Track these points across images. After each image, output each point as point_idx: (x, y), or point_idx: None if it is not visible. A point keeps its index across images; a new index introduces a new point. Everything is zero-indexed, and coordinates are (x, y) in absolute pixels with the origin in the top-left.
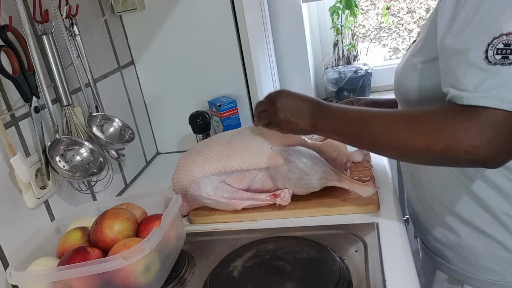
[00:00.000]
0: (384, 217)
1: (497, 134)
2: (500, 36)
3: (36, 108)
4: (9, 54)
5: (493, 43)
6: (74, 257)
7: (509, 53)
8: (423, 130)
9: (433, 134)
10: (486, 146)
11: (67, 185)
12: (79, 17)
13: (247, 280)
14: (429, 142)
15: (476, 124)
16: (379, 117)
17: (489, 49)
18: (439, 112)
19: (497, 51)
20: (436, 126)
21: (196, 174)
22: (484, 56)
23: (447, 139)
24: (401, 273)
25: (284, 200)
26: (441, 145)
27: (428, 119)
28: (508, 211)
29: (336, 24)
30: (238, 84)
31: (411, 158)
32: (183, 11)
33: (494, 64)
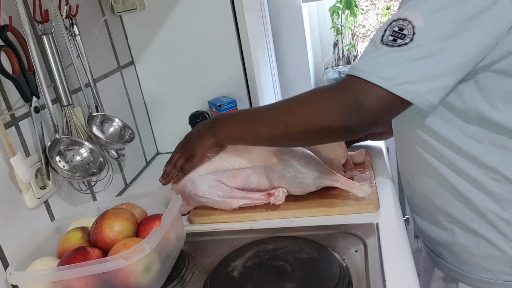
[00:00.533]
0: (384, 217)
1: (362, 104)
2: (397, 19)
3: (36, 108)
4: (9, 54)
5: (391, 25)
6: (74, 257)
7: (399, 37)
8: (300, 106)
9: (308, 108)
10: (354, 119)
11: (67, 185)
12: (79, 17)
13: (247, 280)
14: (305, 116)
15: (349, 95)
16: (265, 108)
17: (387, 29)
18: (318, 89)
19: (392, 33)
20: (313, 101)
21: (191, 173)
22: (382, 35)
23: (320, 110)
24: (401, 273)
25: (278, 199)
26: (315, 117)
27: (307, 96)
28: (494, 210)
29: (336, 24)
30: (238, 84)
31: (295, 137)
32: (183, 11)
33: (383, 44)
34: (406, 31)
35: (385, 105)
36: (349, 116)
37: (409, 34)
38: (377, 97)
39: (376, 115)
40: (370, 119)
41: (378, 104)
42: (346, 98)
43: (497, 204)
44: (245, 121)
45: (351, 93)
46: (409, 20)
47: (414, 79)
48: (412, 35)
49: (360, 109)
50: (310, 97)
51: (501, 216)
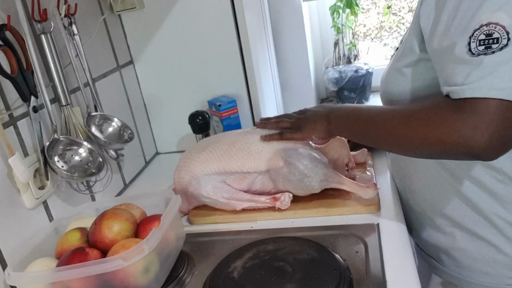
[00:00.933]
0: (385, 218)
1: (487, 123)
2: (480, 27)
3: (34, 107)
4: (7, 53)
5: (474, 35)
6: (72, 257)
7: (491, 42)
8: (418, 123)
9: (427, 127)
10: (477, 136)
11: (65, 185)
12: (78, 16)
13: (247, 281)
14: (423, 135)
15: (466, 116)
16: (381, 113)
17: (472, 42)
18: (434, 106)
19: (479, 43)
20: (431, 119)
21: (196, 171)
22: (468, 49)
23: (439, 131)
24: (402, 273)
25: (284, 203)
26: (434, 137)
27: (424, 112)
28: (499, 213)
29: (337, 23)
30: (238, 84)
31: (410, 151)
32: (183, 10)
33: (477, 56)
34: (496, 34)
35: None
36: (475, 140)
37: (502, 35)
38: (501, 111)
39: (504, 132)
40: (501, 137)
41: (504, 118)
42: (468, 119)
43: (502, 207)
44: (361, 121)
45: (472, 114)
46: (495, 23)
47: None
48: (506, 34)
49: (488, 130)
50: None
51: (506, 219)
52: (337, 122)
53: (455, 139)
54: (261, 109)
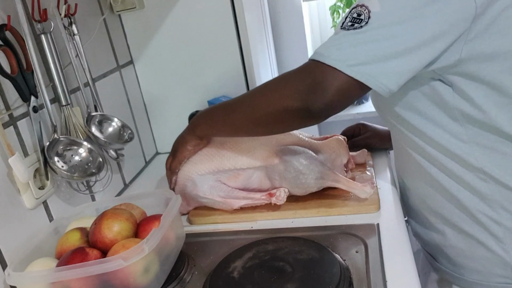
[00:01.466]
0: (385, 218)
1: (318, 87)
2: (356, 6)
3: (34, 107)
4: (7, 53)
5: (351, 12)
6: (72, 257)
7: (357, 22)
8: (266, 90)
9: (272, 91)
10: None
11: (65, 185)
12: (78, 16)
13: (247, 281)
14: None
15: (307, 77)
16: (239, 97)
17: (348, 16)
18: (288, 72)
19: (352, 19)
20: (278, 83)
21: (191, 173)
22: (343, 22)
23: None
24: (402, 273)
25: (279, 199)
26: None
27: (274, 79)
28: (484, 211)
29: (337, 23)
30: (238, 84)
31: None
32: (183, 10)
33: (342, 29)
34: (363, 16)
35: (341, 86)
36: (308, 97)
37: (365, 18)
38: (333, 79)
39: (334, 97)
40: (328, 100)
41: (335, 85)
42: (305, 79)
43: (487, 205)
44: (221, 110)
45: (310, 74)
46: (366, 6)
47: (367, 61)
48: (367, 19)
49: (318, 89)
50: (274, 81)
51: (491, 217)
52: (199, 122)
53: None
54: None
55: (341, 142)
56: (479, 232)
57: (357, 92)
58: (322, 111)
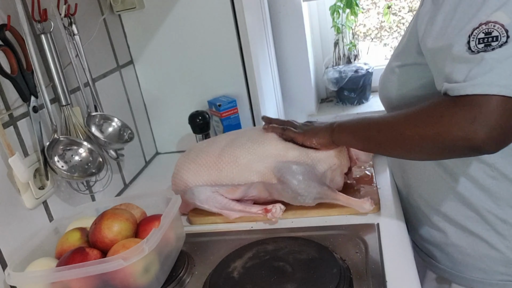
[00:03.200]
0: (385, 218)
1: (487, 116)
2: (479, 26)
3: (34, 107)
4: (7, 53)
5: (473, 34)
6: (73, 257)
7: (491, 40)
8: (418, 121)
9: (427, 123)
10: (477, 128)
11: (65, 185)
12: (78, 16)
13: (247, 281)
14: (423, 131)
15: (466, 110)
16: (384, 117)
17: (471, 40)
18: (434, 103)
19: (479, 41)
20: (430, 116)
21: (189, 182)
22: (467, 48)
23: (438, 125)
24: (402, 273)
25: (275, 215)
26: (433, 132)
27: (424, 110)
28: (491, 209)
29: (337, 23)
30: (238, 84)
31: (413, 151)
32: (183, 10)
33: (477, 53)
34: (495, 32)
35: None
36: (475, 134)
37: (501, 34)
38: (502, 107)
39: (506, 125)
40: (501, 131)
41: (505, 114)
42: (468, 115)
43: (494, 203)
44: (364, 125)
45: (472, 109)
46: (494, 21)
47: None
48: (506, 32)
49: (487, 124)
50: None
51: (498, 215)
52: (340, 130)
53: (455, 132)
54: (261, 109)
55: (342, 152)
56: (483, 230)
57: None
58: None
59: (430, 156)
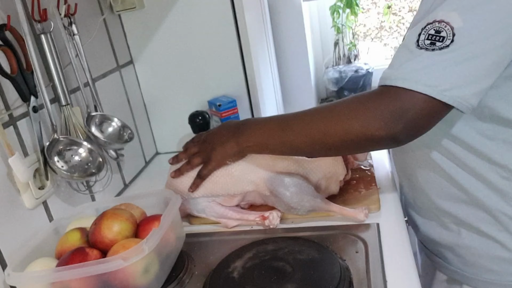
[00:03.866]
0: (385, 218)
1: (405, 114)
2: (433, 22)
3: (34, 107)
4: (7, 53)
5: (426, 28)
6: (72, 258)
7: (437, 39)
8: (340, 113)
9: (349, 115)
10: (393, 124)
11: (65, 185)
12: (78, 16)
13: (247, 281)
14: (346, 124)
15: (389, 102)
16: (298, 116)
17: (422, 34)
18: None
19: (428, 36)
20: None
21: (184, 193)
22: (416, 39)
23: (361, 115)
24: (402, 273)
25: (272, 222)
26: (356, 125)
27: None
28: (505, 210)
29: (337, 23)
30: (238, 84)
31: (334, 148)
32: (183, 10)
33: (420, 48)
34: (444, 33)
35: (429, 111)
36: (394, 125)
37: (448, 36)
38: (422, 105)
39: (422, 122)
40: (415, 126)
41: (423, 111)
42: (390, 106)
43: (508, 204)
44: (275, 128)
45: (395, 101)
46: (446, 22)
47: (460, 83)
48: (452, 36)
49: (405, 117)
50: (349, 105)
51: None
52: (247, 140)
53: (378, 124)
54: (261, 109)
55: (336, 161)
56: (496, 231)
57: (442, 115)
58: (409, 137)
59: (350, 150)
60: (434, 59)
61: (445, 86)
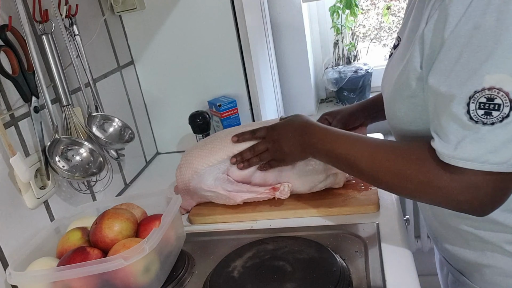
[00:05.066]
0: (384, 217)
1: (478, 193)
2: (482, 90)
3: (35, 108)
4: (8, 54)
5: (475, 96)
6: (73, 257)
7: (492, 108)
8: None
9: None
10: (469, 202)
11: (66, 185)
12: (79, 16)
13: (247, 281)
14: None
15: (458, 183)
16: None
17: (471, 102)
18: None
19: (479, 105)
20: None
21: (198, 166)
22: (466, 110)
23: (432, 190)
24: (401, 273)
25: (283, 193)
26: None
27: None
28: None
29: (336, 23)
30: (238, 84)
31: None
32: (183, 10)
33: (475, 122)
34: (498, 100)
35: (501, 184)
36: (470, 207)
37: (505, 102)
38: (494, 181)
39: (497, 196)
40: (493, 201)
41: (495, 185)
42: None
43: None
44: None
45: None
46: (498, 88)
47: None
48: (510, 102)
49: (480, 195)
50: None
51: None
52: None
53: (449, 200)
54: (261, 109)
55: None
56: None
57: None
58: (488, 210)
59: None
60: (496, 133)
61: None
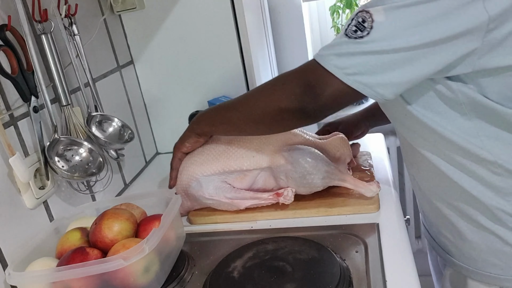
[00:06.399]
0: (385, 218)
1: (316, 88)
2: (363, 11)
3: (35, 108)
4: (7, 53)
5: (357, 15)
6: (73, 257)
7: (360, 28)
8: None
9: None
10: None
11: (66, 185)
12: (78, 16)
13: (247, 281)
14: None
15: (306, 77)
16: (240, 96)
17: (354, 19)
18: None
19: (356, 23)
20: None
21: (195, 173)
22: (348, 24)
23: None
24: (401, 273)
25: (287, 199)
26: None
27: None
28: (500, 206)
29: (337, 23)
30: (238, 84)
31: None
32: (183, 10)
33: (345, 34)
34: (366, 24)
35: (337, 92)
36: (302, 98)
37: (368, 27)
38: (330, 84)
39: (329, 101)
40: (323, 103)
41: (331, 91)
42: (302, 81)
43: (503, 199)
44: (221, 109)
45: (308, 77)
46: (371, 13)
47: (364, 71)
48: (370, 29)
49: (314, 92)
50: (272, 81)
51: (508, 211)
52: (199, 121)
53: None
54: None
55: (345, 141)
56: (496, 227)
57: (351, 98)
58: (316, 112)
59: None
60: (348, 46)
61: (350, 71)
